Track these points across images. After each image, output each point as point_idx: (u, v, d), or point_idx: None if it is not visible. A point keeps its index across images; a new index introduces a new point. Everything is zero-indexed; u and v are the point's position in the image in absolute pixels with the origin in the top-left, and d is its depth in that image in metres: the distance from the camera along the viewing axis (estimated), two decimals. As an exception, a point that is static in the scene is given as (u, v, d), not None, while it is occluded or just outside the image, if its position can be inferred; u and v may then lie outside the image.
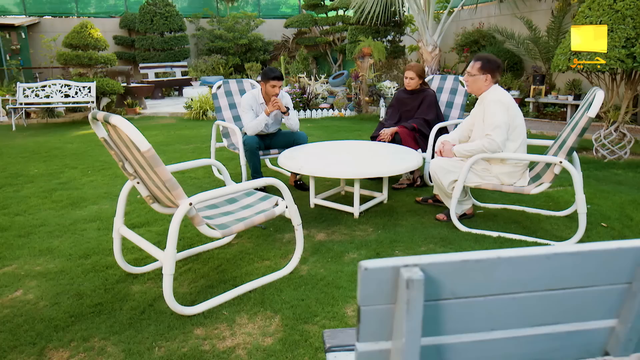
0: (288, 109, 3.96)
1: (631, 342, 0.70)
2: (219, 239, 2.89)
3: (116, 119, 1.94)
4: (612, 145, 5.16)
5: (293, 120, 4.04)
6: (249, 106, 3.97)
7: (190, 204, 2.06)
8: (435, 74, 8.31)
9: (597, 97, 2.66)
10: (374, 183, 4.26)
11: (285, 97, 4.10)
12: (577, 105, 7.76)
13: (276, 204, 2.55)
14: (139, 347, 1.93)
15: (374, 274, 0.58)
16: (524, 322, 0.68)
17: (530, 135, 6.74)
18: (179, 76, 13.70)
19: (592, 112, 2.63)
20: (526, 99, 8.48)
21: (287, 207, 2.50)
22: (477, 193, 3.89)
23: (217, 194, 2.20)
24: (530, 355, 0.70)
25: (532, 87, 8.43)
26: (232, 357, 1.87)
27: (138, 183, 2.40)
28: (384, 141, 4.02)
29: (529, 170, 3.15)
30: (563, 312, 0.69)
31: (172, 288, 2.41)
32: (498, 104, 2.95)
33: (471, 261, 0.61)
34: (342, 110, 9.02)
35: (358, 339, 0.64)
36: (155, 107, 10.92)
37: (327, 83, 10.84)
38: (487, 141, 2.94)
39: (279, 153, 3.88)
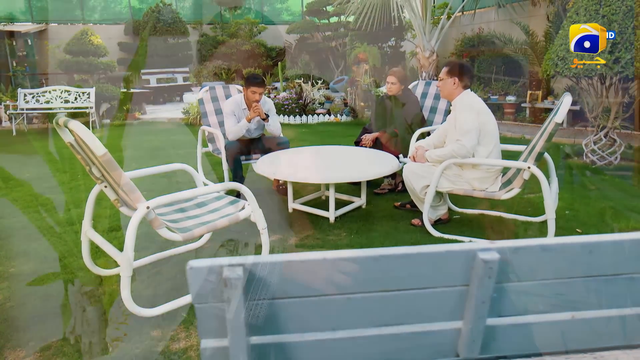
0: (268, 116, 3.99)
1: (475, 343, 0.71)
2: (185, 243, 2.91)
3: (73, 124, 1.98)
4: (602, 150, 5.12)
5: (274, 126, 4.08)
6: (231, 111, 4.02)
7: (148, 207, 2.10)
8: (432, 79, 8.31)
9: (564, 103, 2.66)
10: (356, 188, 4.26)
11: (267, 103, 4.14)
12: (574, 111, 7.70)
13: (242, 208, 2.58)
14: (94, 348, 1.97)
15: (199, 273, 0.60)
16: (366, 323, 0.70)
17: (525, 141, 6.70)
18: (180, 82, 13.84)
19: (559, 117, 2.63)
20: (522, 104, 8.44)
21: (252, 212, 2.53)
22: (456, 198, 3.88)
23: (176, 197, 2.24)
24: (379, 355, 0.71)
25: (529, 92, 8.40)
26: (183, 358, 1.90)
27: (105, 187, 2.45)
28: (366, 146, 4.04)
29: (502, 176, 3.15)
30: (405, 314, 0.70)
31: (137, 290, 2.46)
32: (468, 109, 2.96)
33: (296, 262, 0.63)
34: (338, 115, 9.05)
35: (199, 336, 0.67)
36: (155, 112, 11.04)
37: (326, 89, 10.88)
38: (457, 146, 2.95)
39: (261, 158, 3.91)
